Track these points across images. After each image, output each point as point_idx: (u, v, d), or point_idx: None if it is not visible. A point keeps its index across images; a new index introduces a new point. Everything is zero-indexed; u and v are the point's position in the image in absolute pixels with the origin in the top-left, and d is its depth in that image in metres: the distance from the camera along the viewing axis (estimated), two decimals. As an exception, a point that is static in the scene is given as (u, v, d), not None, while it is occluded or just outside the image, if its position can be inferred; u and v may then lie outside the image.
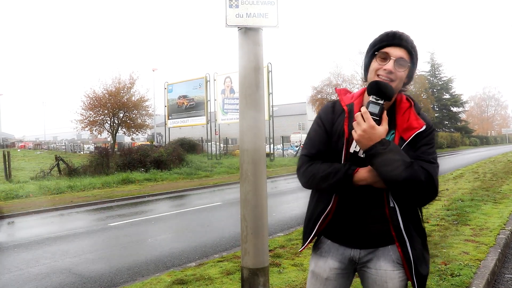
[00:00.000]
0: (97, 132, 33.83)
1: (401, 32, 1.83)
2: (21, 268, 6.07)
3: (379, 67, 1.77)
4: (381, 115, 1.68)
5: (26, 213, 11.39)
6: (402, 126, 1.78)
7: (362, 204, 1.80)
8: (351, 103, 1.87)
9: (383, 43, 1.79)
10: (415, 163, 1.67)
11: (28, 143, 56.00)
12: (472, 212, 7.73)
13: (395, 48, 1.76)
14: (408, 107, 1.82)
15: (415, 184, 1.65)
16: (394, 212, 1.76)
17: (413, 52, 1.80)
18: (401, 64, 1.75)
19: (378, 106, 1.67)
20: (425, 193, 1.70)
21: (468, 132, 68.33)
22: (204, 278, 4.84)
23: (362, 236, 1.83)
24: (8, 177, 17.97)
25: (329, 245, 1.92)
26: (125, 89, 32.19)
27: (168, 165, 21.39)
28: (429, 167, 1.70)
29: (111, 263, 6.14)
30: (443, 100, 62.00)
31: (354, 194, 1.79)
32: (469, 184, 12.38)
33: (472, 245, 5.54)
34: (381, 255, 1.83)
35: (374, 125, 1.64)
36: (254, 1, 3.46)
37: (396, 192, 1.74)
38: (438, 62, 63.53)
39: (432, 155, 1.76)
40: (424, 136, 1.78)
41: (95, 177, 18.12)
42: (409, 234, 1.77)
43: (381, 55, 1.78)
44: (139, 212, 11.02)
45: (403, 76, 1.78)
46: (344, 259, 1.89)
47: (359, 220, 1.81)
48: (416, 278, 1.79)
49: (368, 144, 1.65)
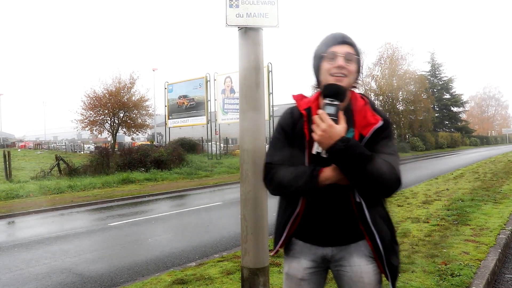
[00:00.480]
0: (97, 132, 33.81)
1: (338, 32, 1.94)
2: (21, 267, 6.07)
3: (329, 66, 1.86)
4: (337, 115, 1.74)
5: (26, 213, 11.39)
6: (360, 123, 1.84)
7: (330, 202, 1.84)
8: (309, 107, 1.92)
9: (328, 45, 1.89)
10: (376, 156, 1.73)
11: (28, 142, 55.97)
12: (473, 212, 7.73)
13: (340, 46, 1.86)
14: (363, 104, 1.89)
15: (379, 176, 1.71)
16: (360, 207, 1.80)
17: (356, 47, 1.90)
18: (350, 58, 1.86)
19: (334, 106, 1.74)
20: (389, 184, 1.75)
21: (468, 132, 68.33)
22: (204, 278, 4.84)
23: (332, 234, 1.87)
24: (9, 177, 17.97)
25: (301, 246, 1.95)
26: (126, 89, 32.17)
27: (168, 165, 21.38)
28: (390, 159, 1.76)
29: (111, 263, 6.14)
30: (443, 100, 61.97)
31: (321, 194, 1.82)
32: (469, 184, 12.38)
33: (472, 245, 5.54)
34: (354, 251, 1.87)
35: (333, 124, 1.70)
36: (254, 1, 3.46)
37: (361, 186, 1.77)
38: (438, 62, 63.54)
39: (392, 147, 1.84)
40: (382, 130, 1.84)
41: (95, 177, 18.11)
42: (377, 227, 1.82)
43: (329, 55, 1.86)
44: (139, 212, 11.03)
45: (354, 70, 1.88)
46: (316, 258, 1.92)
47: (328, 218, 1.86)
48: (389, 269, 1.84)
49: (329, 143, 1.70)
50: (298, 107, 1.96)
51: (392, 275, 1.85)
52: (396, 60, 46.41)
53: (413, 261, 4.93)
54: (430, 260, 4.95)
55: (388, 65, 46.22)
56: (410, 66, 47.87)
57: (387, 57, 46.54)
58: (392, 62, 46.11)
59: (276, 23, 3.51)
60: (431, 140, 49.70)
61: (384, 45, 47.74)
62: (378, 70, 46.91)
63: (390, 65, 46.02)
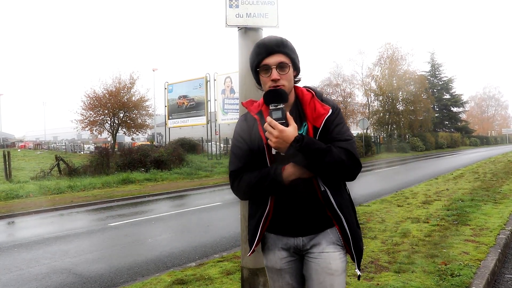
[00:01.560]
0: (97, 132, 33.81)
1: (267, 39, 1.95)
2: (21, 268, 6.07)
3: (266, 79, 1.91)
4: (285, 117, 1.80)
5: (26, 213, 11.40)
6: (311, 116, 1.90)
7: (296, 194, 1.90)
8: (260, 110, 1.98)
9: (260, 57, 1.91)
10: (332, 147, 1.81)
11: (28, 143, 55.96)
12: (472, 212, 7.72)
13: (271, 57, 1.89)
14: (311, 97, 1.95)
15: (339, 164, 1.80)
16: (326, 195, 1.88)
17: (287, 51, 1.92)
18: (283, 67, 1.89)
19: (279, 110, 1.80)
20: (350, 169, 1.84)
21: (468, 132, 68.31)
22: (204, 278, 4.84)
23: (302, 224, 1.94)
24: (8, 177, 17.97)
25: (273, 238, 2.03)
26: (126, 89, 32.17)
27: (168, 165, 21.39)
28: (347, 145, 1.84)
29: (111, 263, 6.14)
30: (443, 100, 61.98)
31: (288, 189, 1.88)
32: (469, 184, 12.38)
33: (472, 245, 5.54)
34: (322, 239, 1.94)
35: (283, 128, 1.76)
36: (254, 1, 3.47)
37: (324, 176, 1.87)
38: (438, 62, 63.56)
39: (346, 132, 1.90)
40: (333, 118, 1.90)
41: (95, 177, 18.12)
42: (343, 212, 1.91)
43: (262, 69, 1.91)
44: (139, 212, 11.02)
45: (290, 75, 1.93)
46: (289, 247, 2.00)
47: (296, 210, 1.92)
48: (355, 251, 1.94)
49: (285, 146, 1.78)
50: (250, 112, 2.02)
51: (358, 257, 1.95)
52: (396, 60, 46.40)
53: (413, 261, 4.93)
54: (430, 260, 4.95)
55: (388, 65, 46.21)
56: (410, 66, 47.87)
57: (387, 57, 46.54)
58: (392, 62, 46.10)
59: (276, 23, 3.51)
60: (431, 140, 49.69)
61: (384, 45, 47.92)
62: (378, 70, 46.93)
63: (390, 65, 46.01)
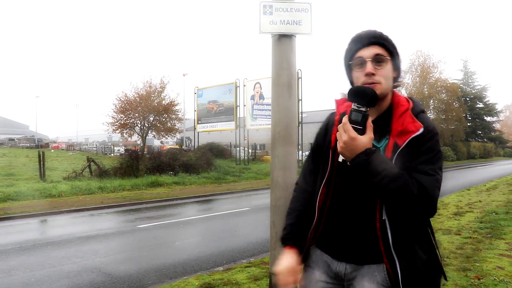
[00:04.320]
0: (128, 135, 34.46)
1: (363, 31, 1.72)
2: (54, 265, 6.23)
3: (359, 74, 1.66)
4: (364, 123, 1.53)
5: (58, 212, 11.69)
6: (396, 130, 1.61)
7: (354, 215, 1.67)
8: (345, 111, 1.71)
9: (353, 50, 1.70)
10: (405, 175, 1.52)
11: (61, 144, 57.44)
12: (508, 226, 7.49)
13: (366, 49, 1.66)
14: (406, 109, 1.65)
15: (405, 197, 1.50)
16: (384, 225, 1.59)
17: (386, 43, 1.68)
18: (379, 60, 1.64)
19: (361, 113, 1.54)
20: (418, 207, 1.52)
21: (502, 142, 66.42)
22: (232, 283, 4.85)
23: (350, 248, 1.70)
24: (42, 177, 18.47)
25: (317, 255, 1.84)
26: (156, 93, 32.72)
27: (196, 169, 21.56)
28: (424, 180, 1.52)
29: (140, 264, 6.23)
30: (476, 109, 60.44)
31: (346, 205, 1.69)
32: (503, 196, 12.02)
33: (507, 260, 5.37)
34: (366, 274, 1.67)
35: (355, 136, 1.51)
36: (288, 8, 3.48)
37: (386, 204, 1.59)
38: (471, 70, 61.99)
39: (432, 165, 1.56)
40: (423, 141, 1.58)
41: (125, 179, 18.41)
42: (399, 251, 1.59)
43: (355, 62, 1.68)
44: (167, 215, 11.15)
45: (388, 72, 1.66)
46: (330, 272, 1.78)
47: (349, 231, 1.69)
48: None
49: (351, 155, 1.54)
50: (336, 111, 1.83)
51: None
52: (428, 68, 45.68)
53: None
54: (462, 274, 4.83)
55: (419, 73, 45.55)
56: (441, 74, 47.06)
57: (418, 64, 45.88)
58: (423, 69, 45.40)
59: (309, 31, 3.51)
60: (462, 150, 48.57)
61: (415, 52, 47.00)
62: (409, 77, 46.28)
63: (421, 73, 45.34)
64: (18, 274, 5.82)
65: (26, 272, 5.91)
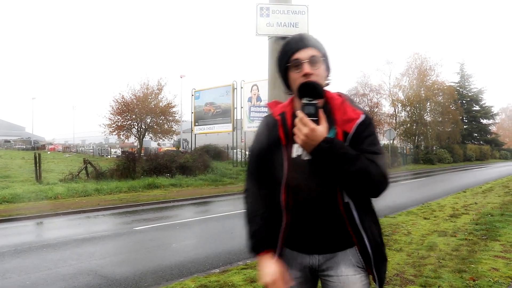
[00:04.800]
0: (125, 137, 34.43)
1: (296, 35, 1.84)
2: (50, 267, 6.21)
3: (297, 75, 1.77)
4: (318, 115, 1.65)
5: (54, 214, 11.66)
6: (341, 120, 1.74)
7: (316, 206, 1.75)
8: (283, 112, 1.85)
9: (290, 52, 1.79)
10: (362, 156, 1.66)
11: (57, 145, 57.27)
12: (503, 228, 7.52)
13: (302, 51, 1.76)
14: (341, 101, 1.79)
15: (365, 176, 1.64)
16: (348, 207, 1.72)
17: (319, 45, 1.80)
18: (315, 61, 1.76)
19: (313, 106, 1.65)
20: (376, 184, 1.68)
21: (498, 145, 66.66)
22: (228, 285, 4.85)
23: (319, 240, 1.79)
24: (39, 179, 18.42)
25: (288, 255, 1.88)
26: (153, 95, 32.74)
27: (193, 171, 21.55)
28: (376, 158, 1.68)
29: (136, 267, 6.22)
30: (472, 112, 60.68)
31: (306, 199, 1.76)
32: (499, 199, 12.07)
33: (502, 262, 5.39)
34: (341, 261, 1.78)
35: (315, 127, 1.62)
36: (285, 11, 3.49)
37: (348, 187, 1.71)
38: (468, 73, 62.28)
39: (376, 145, 1.74)
40: (365, 127, 1.74)
41: (122, 181, 18.39)
42: (365, 228, 1.74)
43: (293, 64, 1.78)
44: (164, 217, 11.14)
45: (322, 71, 1.80)
46: (304, 268, 1.85)
47: (315, 222, 1.77)
48: (377, 272, 1.77)
49: (313, 146, 1.64)
50: (272, 114, 1.90)
51: (380, 279, 1.79)
52: (425, 71, 45.79)
53: (440, 276, 4.83)
54: (457, 275, 4.84)
55: (416, 76, 45.64)
56: (438, 77, 47.19)
57: (415, 67, 45.98)
58: (420, 72, 45.51)
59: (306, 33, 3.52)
60: (459, 153, 48.71)
61: (412, 55, 47.19)
62: (406, 80, 46.41)
63: (418, 76, 45.44)
64: (13, 277, 5.80)
65: (21, 275, 5.89)
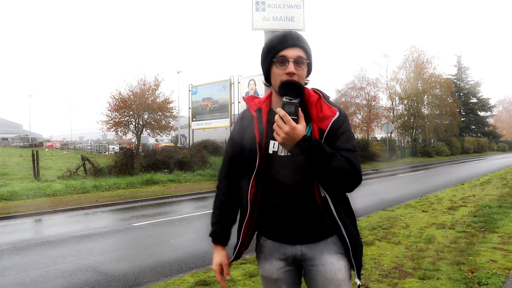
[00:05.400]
0: (122, 133, 34.41)
1: (287, 32, 1.87)
2: (48, 264, 6.21)
3: (280, 71, 1.80)
4: (297, 113, 1.70)
5: (53, 211, 11.64)
6: (317, 117, 1.81)
7: (294, 199, 1.83)
8: (259, 107, 1.90)
9: (278, 48, 1.81)
10: (337, 154, 1.73)
11: (55, 142, 57.23)
12: (501, 220, 7.55)
13: (290, 49, 1.79)
14: (317, 98, 1.85)
15: (341, 173, 1.72)
16: (325, 201, 1.80)
17: (306, 47, 1.83)
18: (300, 62, 1.80)
19: (293, 105, 1.70)
20: (351, 181, 1.77)
21: (496, 137, 66.77)
22: (227, 280, 4.85)
23: (300, 231, 1.87)
24: (37, 176, 18.38)
25: (270, 246, 1.96)
26: (150, 91, 32.66)
27: (191, 166, 21.53)
28: (351, 156, 1.76)
29: (135, 263, 6.22)
30: (470, 104, 60.73)
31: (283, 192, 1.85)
32: (497, 191, 12.10)
33: (500, 254, 5.41)
34: (324, 250, 1.87)
35: (295, 125, 1.66)
36: (281, 5, 3.47)
37: (325, 182, 1.79)
38: (465, 66, 62.20)
39: (352, 142, 1.82)
40: (340, 123, 1.81)
41: (120, 178, 18.36)
42: (342, 221, 1.83)
43: (279, 59, 1.80)
44: (163, 213, 11.15)
45: (305, 73, 1.84)
46: (287, 257, 1.92)
47: (294, 215, 1.85)
48: (354, 261, 1.87)
49: (292, 144, 1.69)
50: (249, 108, 1.95)
51: (358, 266, 1.88)
52: (422, 64, 45.72)
53: (438, 268, 4.85)
54: (456, 267, 4.86)
55: (413, 69, 45.56)
56: (435, 70, 47.11)
57: (412, 60, 45.88)
58: (417, 65, 45.44)
59: (302, 27, 3.51)
60: (456, 145, 48.77)
61: (409, 48, 46.98)
62: (403, 73, 46.28)
63: (415, 69, 45.36)
64: (12, 274, 5.80)
65: (20, 272, 5.88)
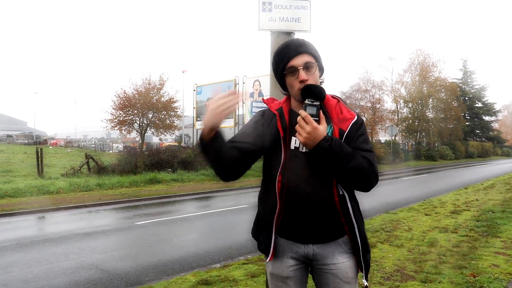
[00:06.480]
0: (126, 132, 34.37)
1: (288, 41, 1.96)
2: (51, 262, 6.24)
3: (293, 81, 1.88)
4: (319, 115, 1.80)
5: (56, 208, 11.68)
6: (337, 118, 1.89)
7: (312, 197, 1.87)
8: (280, 107, 1.98)
9: (285, 60, 1.90)
10: (357, 153, 1.80)
11: (59, 140, 57.38)
12: (504, 224, 7.52)
13: (296, 58, 1.87)
14: (336, 102, 1.95)
15: (360, 172, 1.79)
16: (343, 199, 1.87)
17: (311, 51, 1.91)
18: (309, 67, 1.87)
19: (315, 107, 1.80)
20: (369, 180, 1.83)
21: (500, 142, 66.51)
22: (229, 280, 4.87)
23: (314, 230, 1.90)
24: (40, 173, 18.44)
25: (283, 244, 1.98)
26: (155, 90, 32.64)
27: (195, 166, 21.54)
28: (369, 156, 1.83)
29: (137, 261, 6.24)
30: (475, 108, 60.49)
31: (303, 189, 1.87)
32: (500, 196, 12.06)
33: (503, 258, 5.40)
34: (335, 250, 1.92)
35: (317, 126, 1.76)
36: (287, 6, 3.48)
37: (344, 181, 1.85)
38: (470, 70, 61.89)
39: (368, 144, 1.90)
40: (358, 126, 1.90)
41: (123, 176, 18.38)
42: (357, 219, 1.90)
43: (289, 71, 1.89)
44: (166, 212, 11.16)
45: (317, 75, 1.91)
46: (299, 256, 1.96)
47: (310, 213, 1.88)
48: (363, 261, 1.92)
49: (314, 143, 1.77)
50: (270, 108, 2.01)
51: (366, 267, 1.94)
52: (427, 67, 45.61)
53: (440, 272, 4.84)
54: (458, 271, 4.85)
55: (418, 72, 45.46)
56: (441, 73, 46.95)
57: (418, 63, 45.79)
58: (423, 69, 45.33)
59: (309, 28, 3.52)
60: (461, 149, 48.61)
61: (415, 51, 46.93)
62: (408, 76, 46.19)
63: (420, 72, 45.25)
64: (15, 270, 5.83)
65: (23, 268, 5.91)
